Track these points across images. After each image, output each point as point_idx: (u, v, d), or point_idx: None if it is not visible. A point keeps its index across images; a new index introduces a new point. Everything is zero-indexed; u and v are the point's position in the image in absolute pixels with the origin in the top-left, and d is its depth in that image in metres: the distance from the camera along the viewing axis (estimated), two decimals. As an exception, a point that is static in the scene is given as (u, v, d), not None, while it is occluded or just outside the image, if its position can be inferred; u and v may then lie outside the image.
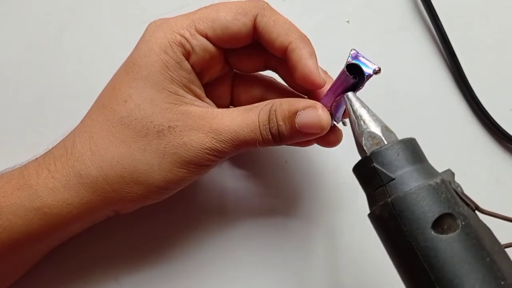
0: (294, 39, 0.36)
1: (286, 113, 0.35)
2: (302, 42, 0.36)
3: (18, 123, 0.46)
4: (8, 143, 0.45)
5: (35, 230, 0.34)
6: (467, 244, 0.26)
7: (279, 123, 0.35)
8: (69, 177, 0.35)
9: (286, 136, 0.35)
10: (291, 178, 0.46)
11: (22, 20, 0.48)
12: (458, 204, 0.27)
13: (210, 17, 0.36)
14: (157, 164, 0.35)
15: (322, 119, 0.35)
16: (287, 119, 0.35)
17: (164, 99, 0.35)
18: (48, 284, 0.43)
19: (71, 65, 0.47)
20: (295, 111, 0.35)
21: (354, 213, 0.45)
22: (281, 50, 0.36)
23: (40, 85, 0.47)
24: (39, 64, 0.47)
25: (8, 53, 0.47)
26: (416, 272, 0.27)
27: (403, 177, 0.28)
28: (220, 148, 0.35)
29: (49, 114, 0.46)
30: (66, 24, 0.49)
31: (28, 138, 0.45)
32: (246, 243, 0.44)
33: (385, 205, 0.28)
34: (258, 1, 0.37)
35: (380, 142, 0.31)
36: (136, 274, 0.43)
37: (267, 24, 0.36)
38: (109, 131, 0.35)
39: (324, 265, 0.44)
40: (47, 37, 0.48)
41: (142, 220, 0.44)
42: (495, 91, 0.49)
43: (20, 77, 0.47)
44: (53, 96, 0.47)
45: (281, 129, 0.35)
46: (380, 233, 0.29)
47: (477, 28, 0.50)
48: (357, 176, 0.32)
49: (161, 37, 0.35)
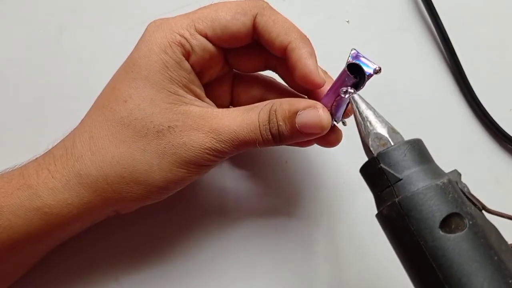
0: (293, 39, 0.36)
1: (286, 113, 0.35)
2: (301, 41, 0.36)
3: (18, 123, 0.45)
4: (8, 143, 0.45)
5: (35, 230, 0.34)
6: (475, 243, 0.26)
7: (279, 123, 0.35)
8: (69, 177, 0.35)
9: (286, 136, 0.35)
10: (291, 178, 0.46)
11: (22, 20, 0.48)
12: (465, 204, 0.28)
13: (210, 17, 0.36)
14: (157, 164, 0.35)
15: (323, 119, 0.35)
16: (288, 119, 0.35)
17: (164, 99, 0.35)
18: (48, 284, 0.42)
19: (71, 65, 0.47)
20: (296, 111, 0.35)
21: (354, 213, 0.45)
22: (281, 50, 0.36)
23: (40, 85, 0.46)
24: (39, 64, 0.47)
25: (8, 53, 0.47)
26: (424, 271, 0.27)
27: (410, 178, 0.28)
28: (220, 148, 0.35)
29: (49, 114, 0.46)
30: (66, 24, 0.48)
31: (28, 138, 0.45)
32: (246, 243, 0.44)
33: (392, 205, 0.28)
34: (257, 1, 0.37)
35: (387, 143, 0.31)
36: (136, 274, 0.43)
37: (267, 24, 0.36)
38: (109, 131, 0.35)
39: (324, 265, 0.44)
40: (47, 37, 0.48)
41: (142, 220, 0.44)
42: (495, 91, 0.49)
43: (20, 77, 0.47)
44: (53, 96, 0.46)
45: (281, 129, 0.35)
46: (388, 233, 0.30)
47: (477, 28, 0.50)
48: (364, 177, 0.32)
49: (161, 37, 0.35)
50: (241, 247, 0.44)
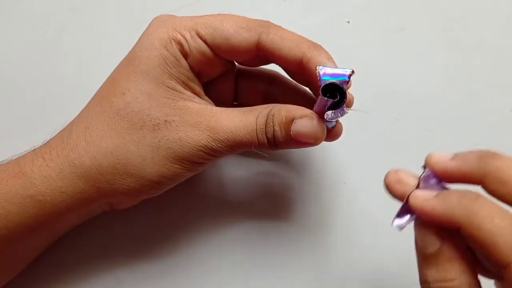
0: (306, 49, 0.35)
1: (283, 119, 0.35)
2: (315, 49, 0.35)
3: (18, 123, 0.46)
4: (8, 143, 0.45)
5: (30, 218, 0.35)
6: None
7: (275, 128, 0.35)
8: (63, 166, 0.35)
9: (281, 141, 0.35)
10: (291, 179, 0.46)
11: (22, 20, 0.48)
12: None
13: (213, 25, 0.36)
14: (150, 158, 0.35)
15: (317, 130, 0.35)
16: (283, 125, 0.35)
17: (162, 94, 0.35)
18: (47, 282, 0.43)
19: (71, 65, 0.47)
20: (292, 118, 0.35)
21: (354, 214, 0.45)
22: (296, 63, 0.36)
23: (40, 85, 0.47)
24: (39, 64, 0.47)
25: (8, 53, 0.47)
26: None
27: None
28: (216, 147, 0.35)
29: (49, 114, 0.46)
30: (66, 24, 0.49)
31: (28, 138, 0.44)
32: (245, 243, 0.44)
33: None
34: (263, 21, 0.37)
35: None
36: (135, 273, 0.43)
37: (274, 41, 0.35)
38: (105, 122, 0.35)
39: (324, 266, 0.44)
40: (47, 37, 0.48)
41: (142, 219, 0.44)
42: (495, 91, 0.49)
43: (20, 77, 0.47)
44: (53, 96, 0.47)
45: (277, 135, 0.35)
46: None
47: (477, 28, 0.50)
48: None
49: (163, 32, 0.36)
50: (240, 247, 0.44)
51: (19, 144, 0.44)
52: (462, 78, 0.49)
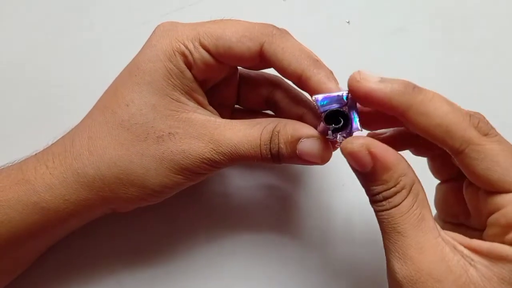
0: (306, 66, 0.35)
1: (289, 138, 0.35)
2: (315, 67, 0.35)
3: (18, 123, 0.46)
4: (8, 143, 0.45)
5: (32, 225, 0.35)
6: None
7: (280, 145, 0.35)
8: (66, 175, 0.35)
9: (285, 158, 0.35)
10: (291, 181, 0.46)
11: (22, 20, 0.48)
12: None
13: (216, 34, 0.35)
14: (154, 169, 0.35)
15: (324, 152, 0.35)
16: (289, 144, 0.35)
17: (166, 106, 0.35)
18: (49, 283, 0.43)
19: (71, 65, 0.47)
20: (298, 137, 0.34)
21: (353, 215, 0.45)
22: (295, 77, 0.35)
23: (40, 85, 0.47)
24: (39, 64, 0.47)
25: (9, 53, 0.47)
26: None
27: None
28: (218, 159, 0.35)
29: (49, 114, 0.46)
30: (66, 24, 0.48)
31: (28, 138, 0.45)
32: (246, 245, 0.44)
33: None
34: (266, 27, 0.36)
35: None
36: (137, 276, 0.43)
37: (276, 52, 0.35)
38: (108, 133, 0.35)
39: (324, 267, 0.44)
40: (47, 37, 0.48)
41: (144, 222, 0.44)
42: (494, 91, 0.49)
43: (20, 77, 0.47)
44: (53, 96, 0.47)
45: (282, 152, 0.35)
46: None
47: (477, 28, 0.50)
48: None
49: (167, 44, 0.35)
50: (240, 249, 0.44)
51: (19, 144, 0.44)
52: (462, 78, 0.49)
